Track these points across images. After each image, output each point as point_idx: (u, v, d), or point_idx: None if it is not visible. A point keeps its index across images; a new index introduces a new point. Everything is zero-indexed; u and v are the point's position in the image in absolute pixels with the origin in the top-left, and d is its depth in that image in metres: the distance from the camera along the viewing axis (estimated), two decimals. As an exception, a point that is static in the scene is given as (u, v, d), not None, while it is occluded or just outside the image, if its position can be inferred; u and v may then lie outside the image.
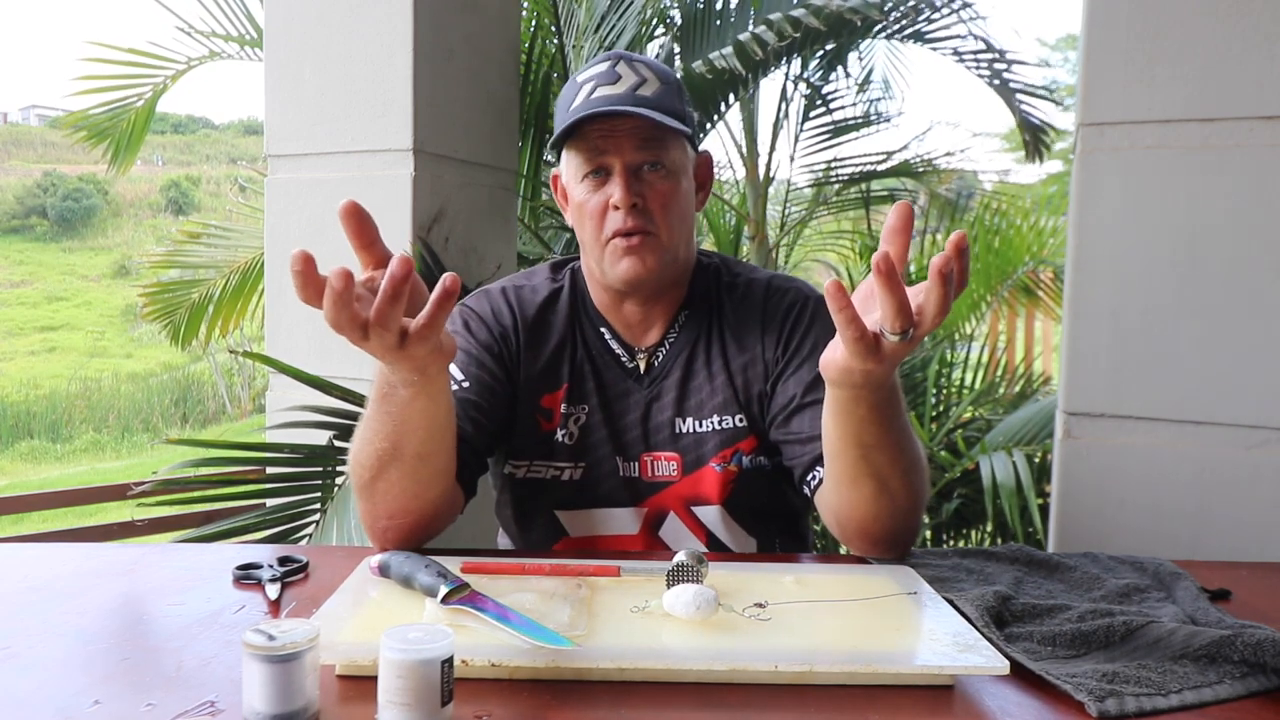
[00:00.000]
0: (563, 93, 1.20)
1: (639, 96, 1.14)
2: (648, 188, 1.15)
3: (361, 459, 1.00)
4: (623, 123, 1.13)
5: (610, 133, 1.14)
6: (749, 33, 2.54)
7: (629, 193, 1.13)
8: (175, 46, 3.42)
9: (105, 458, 11.99)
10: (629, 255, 1.15)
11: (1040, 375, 4.08)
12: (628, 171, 1.14)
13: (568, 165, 1.20)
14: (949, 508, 2.89)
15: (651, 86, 1.15)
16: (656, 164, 1.15)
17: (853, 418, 0.94)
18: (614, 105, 1.12)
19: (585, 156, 1.16)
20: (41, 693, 0.72)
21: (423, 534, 1.06)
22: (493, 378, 1.19)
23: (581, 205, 1.17)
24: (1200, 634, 0.80)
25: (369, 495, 1.02)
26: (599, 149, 1.15)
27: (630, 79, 1.15)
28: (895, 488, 0.99)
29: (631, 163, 1.14)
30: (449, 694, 0.66)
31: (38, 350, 18.42)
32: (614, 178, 1.15)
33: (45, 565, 1.04)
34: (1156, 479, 1.68)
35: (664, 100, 1.15)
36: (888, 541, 1.05)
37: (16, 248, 24.24)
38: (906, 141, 4.37)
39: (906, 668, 0.75)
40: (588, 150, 1.15)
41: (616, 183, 1.14)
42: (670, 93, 1.17)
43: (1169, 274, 1.66)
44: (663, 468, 1.20)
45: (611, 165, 1.15)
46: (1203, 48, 1.62)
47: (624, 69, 1.16)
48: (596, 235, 1.16)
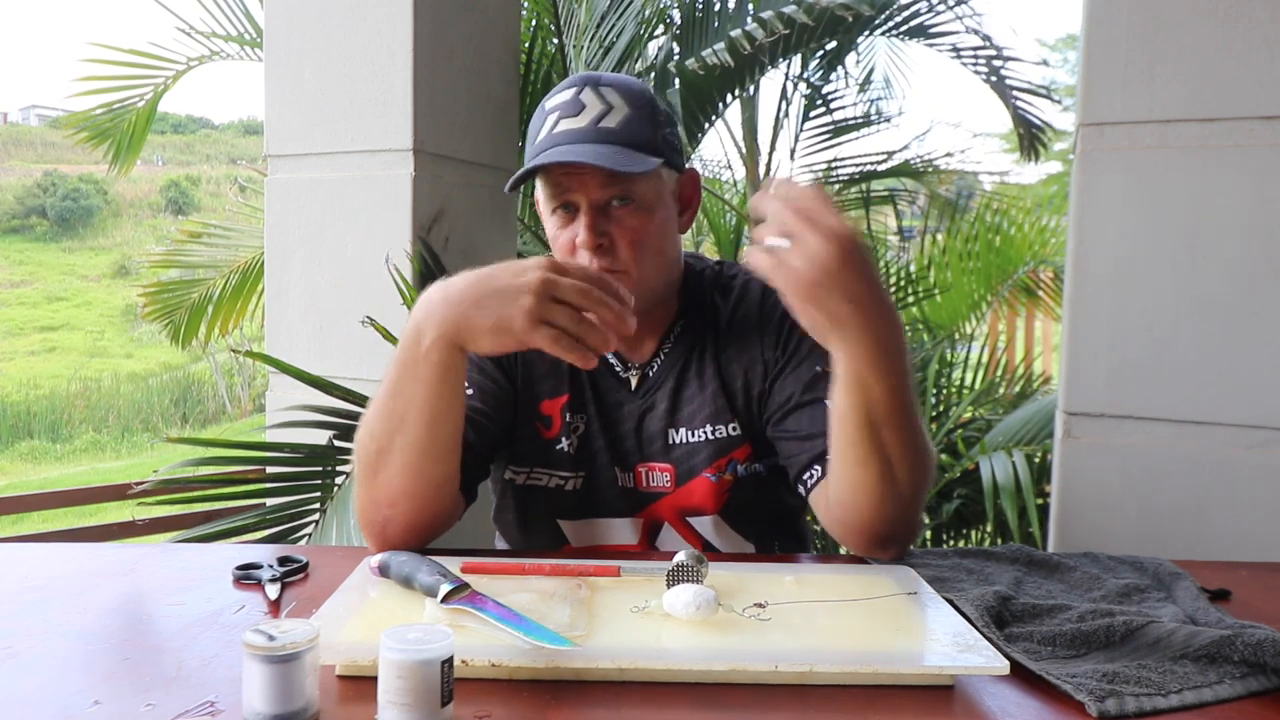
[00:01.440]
0: (532, 120, 1.16)
1: (601, 129, 1.09)
2: (615, 224, 1.11)
3: (373, 428, 1.01)
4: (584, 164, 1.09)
5: (574, 169, 1.10)
6: (740, 30, 2.54)
7: (593, 234, 1.09)
8: (175, 47, 3.42)
9: (105, 458, 11.99)
10: None
11: (1040, 375, 4.08)
12: (594, 210, 1.10)
13: (539, 193, 1.16)
14: (949, 508, 2.89)
15: (618, 115, 1.10)
16: (625, 198, 1.11)
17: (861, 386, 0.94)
18: (574, 142, 1.09)
19: (550, 192, 1.13)
20: (42, 692, 0.72)
21: (422, 531, 1.05)
22: (496, 384, 1.19)
23: (553, 239, 1.15)
24: (1200, 634, 0.80)
25: (373, 475, 1.02)
26: (563, 187, 1.11)
27: (595, 109, 1.10)
28: (900, 472, 0.98)
29: (597, 200, 1.10)
30: (449, 694, 0.66)
31: (38, 350, 18.43)
32: (580, 216, 1.11)
33: (45, 565, 1.04)
34: (1156, 479, 1.68)
35: (630, 129, 1.10)
36: (887, 535, 1.03)
37: (16, 248, 24.25)
38: (907, 142, 4.38)
39: (906, 668, 0.75)
40: (553, 187, 1.12)
41: (581, 223, 1.10)
42: (639, 119, 1.11)
43: (1169, 274, 1.66)
44: (656, 478, 1.20)
45: (577, 202, 1.11)
46: (1203, 48, 1.62)
47: (589, 96, 1.11)
48: None
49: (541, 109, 1.15)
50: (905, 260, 4.10)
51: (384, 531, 1.04)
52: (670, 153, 1.15)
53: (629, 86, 1.14)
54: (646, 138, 1.12)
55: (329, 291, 2.09)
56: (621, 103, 1.11)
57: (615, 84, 1.13)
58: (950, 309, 3.84)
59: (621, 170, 1.08)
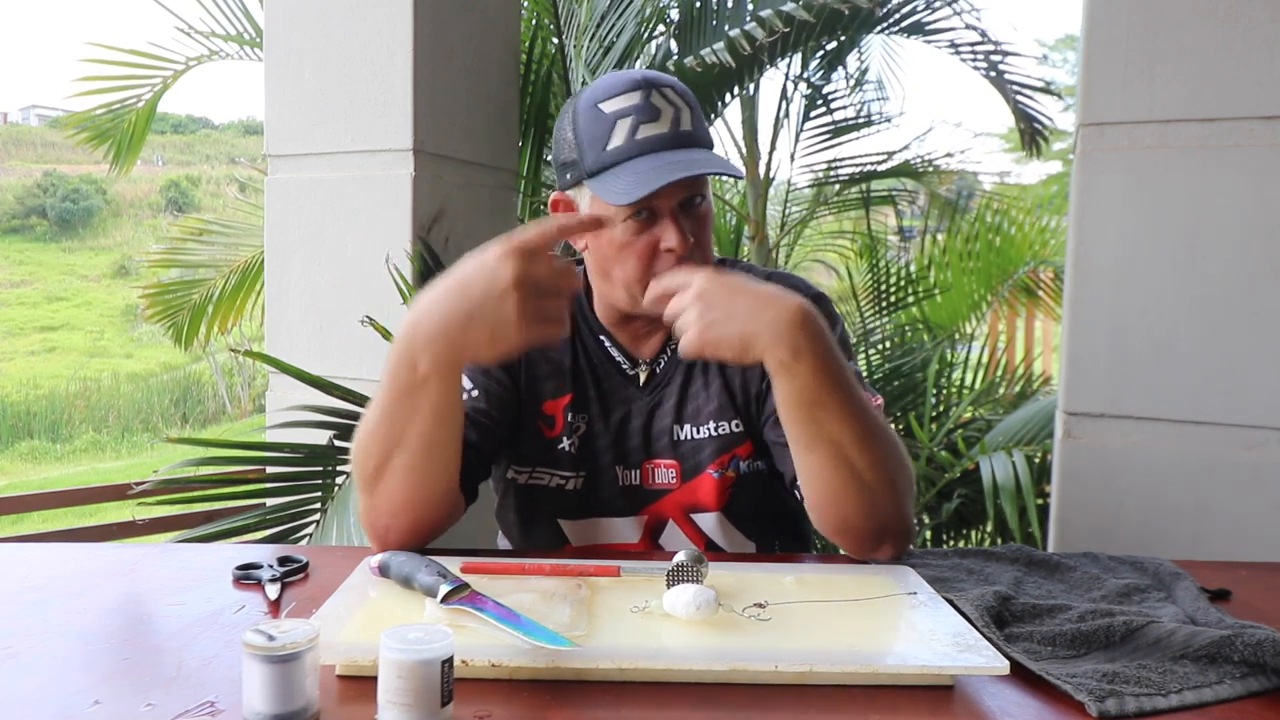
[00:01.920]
0: (585, 121, 1.12)
1: (682, 134, 1.10)
2: (695, 225, 1.12)
3: (369, 447, 1.00)
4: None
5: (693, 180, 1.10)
6: (740, 29, 2.54)
7: (685, 238, 1.09)
8: (175, 46, 3.42)
9: (105, 458, 11.99)
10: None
11: (1040, 375, 4.08)
12: (677, 213, 1.10)
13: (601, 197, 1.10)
14: (949, 508, 2.88)
15: (687, 116, 1.11)
16: (700, 195, 1.13)
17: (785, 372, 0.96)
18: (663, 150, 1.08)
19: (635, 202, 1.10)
20: (42, 692, 0.72)
21: (424, 535, 1.05)
22: (499, 384, 1.19)
23: (624, 245, 1.12)
24: (1200, 634, 0.80)
25: (372, 487, 1.02)
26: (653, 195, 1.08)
27: (669, 112, 1.10)
28: (854, 455, 0.98)
29: (680, 202, 1.11)
30: (449, 694, 0.66)
31: (38, 350, 18.42)
32: (663, 220, 1.10)
33: (45, 565, 1.04)
34: (1156, 479, 1.68)
35: (700, 129, 1.12)
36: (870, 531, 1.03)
37: (16, 248, 24.24)
38: (907, 142, 4.37)
39: (906, 668, 0.75)
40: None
41: (668, 226, 1.09)
42: (699, 116, 1.13)
43: (1169, 274, 1.66)
44: (662, 475, 1.20)
45: (659, 207, 1.10)
46: (1203, 48, 1.62)
47: (659, 100, 1.10)
48: (640, 274, 1.12)
49: (600, 112, 1.11)
50: (905, 260, 4.09)
51: (386, 536, 1.04)
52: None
53: (678, 86, 1.14)
54: (706, 135, 1.14)
55: (329, 291, 2.09)
56: (683, 104, 1.12)
57: (668, 83, 1.13)
58: (950, 309, 3.84)
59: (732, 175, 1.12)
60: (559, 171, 1.17)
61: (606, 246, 1.13)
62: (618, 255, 1.12)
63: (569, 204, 1.17)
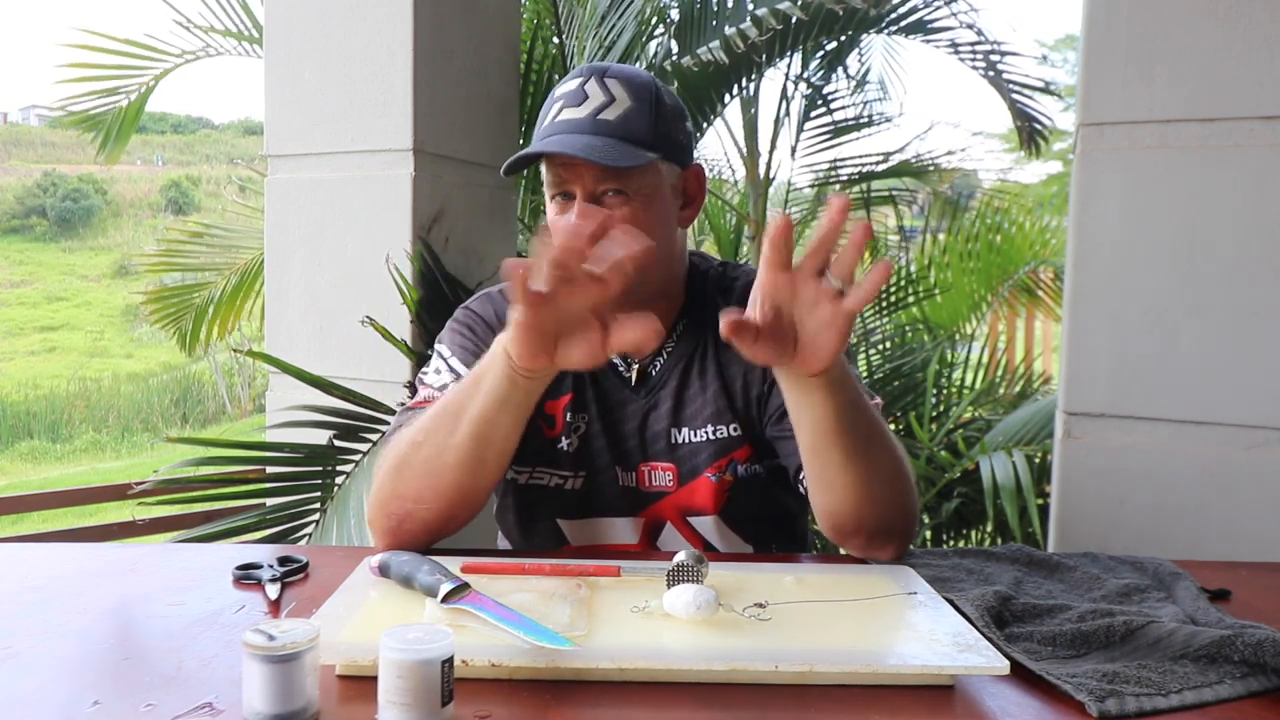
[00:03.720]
0: (543, 108, 1.18)
1: (599, 121, 1.10)
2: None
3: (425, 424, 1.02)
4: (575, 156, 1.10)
5: (571, 160, 1.11)
6: (735, 28, 2.54)
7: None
8: (171, 40, 3.41)
9: (105, 458, 11.99)
10: None
11: (1040, 375, 4.07)
12: (587, 199, 1.12)
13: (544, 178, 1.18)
14: (949, 508, 2.88)
15: (619, 108, 1.11)
16: (619, 190, 1.11)
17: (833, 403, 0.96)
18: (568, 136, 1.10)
19: (550, 179, 1.14)
20: (42, 692, 0.72)
21: (436, 533, 1.05)
22: None
23: (552, 224, 1.16)
24: (1200, 634, 0.80)
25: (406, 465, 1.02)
26: (560, 176, 1.13)
27: (596, 100, 1.11)
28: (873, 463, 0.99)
29: (591, 191, 1.11)
30: (449, 694, 0.66)
31: (38, 350, 18.43)
32: (572, 205, 1.12)
33: (45, 565, 1.04)
34: (1156, 479, 1.68)
35: (629, 123, 1.11)
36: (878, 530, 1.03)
37: (16, 248, 24.25)
38: (907, 141, 4.37)
39: (906, 668, 0.75)
40: (552, 174, 1.14)
41: (573, 210, 1.12)
42: (639, 113, 1.12)
43: (1169, 274, 1.66)
44: (659, 478, 1.20)
45: (574, 191, 1.12)
46: (1203, 48, 1.62)
47: (593, 87, 1.12)
48: None
49: (551, 95, 1.17)
50: (905, 260, 4.09)
51: (399, 527, 1.04)
52: (671, 147, 1.15)
53: (635, 79, 1.15)
54: (645, 131, 1.12)
55: (329, 291, 2.09)
56: (625, 95, 1.12)
57: (621, 75, 1.14)
58: (950, 309, 3.84)
59: (606, 164, 1.08)
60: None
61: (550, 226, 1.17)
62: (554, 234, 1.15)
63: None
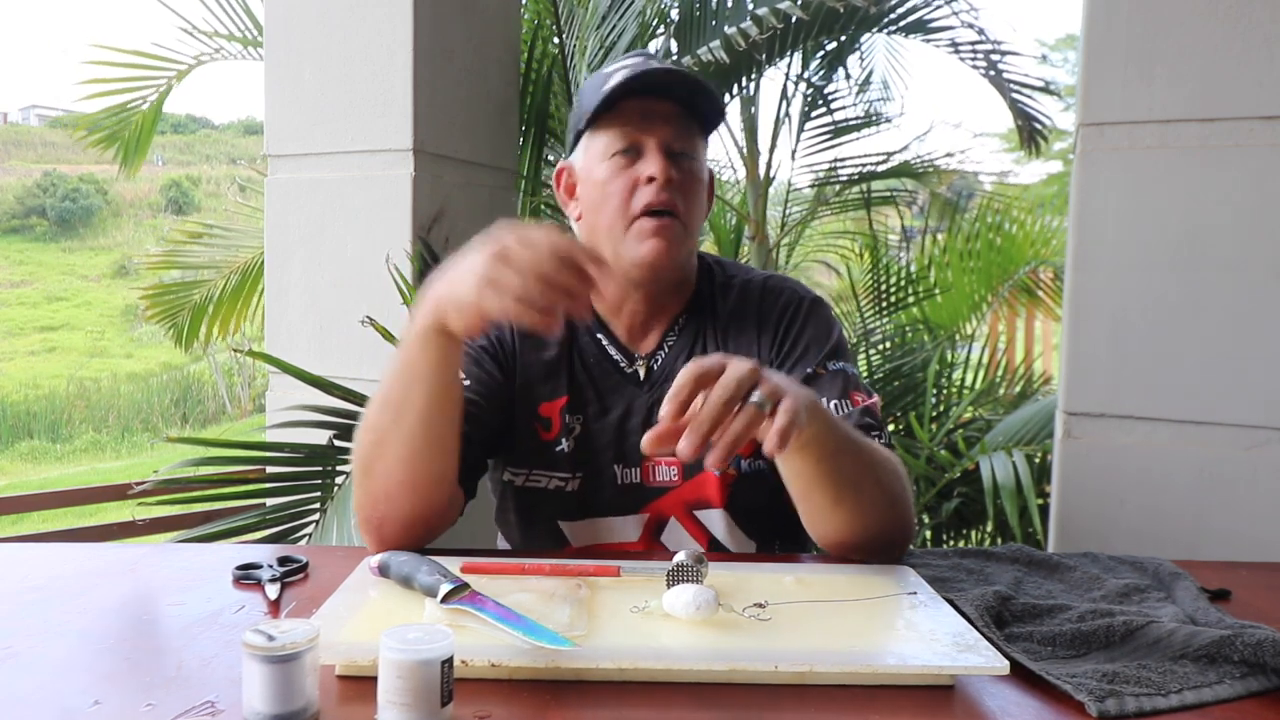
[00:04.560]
0: (588, 84, 1.19)
1: (679, 71, 1.15)
2: (679, 170, 1.14)
3: (372, 421, 1.02)
4: (662, 105, 1.13)
5: (650, 112, 1.13)
6: (735, 27, 2.54)
7: (668, 165, 1.12)
8: (178, 46, 3.43)
9: (105, 458, 12.00)
10: (656, 237, 1.13)
11: (1040, 375, 4.07)
12: (664, 151, 1.14)
13: (591, 146, 1.17)
14: (949, 508, 2.89)
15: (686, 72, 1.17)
16: (689, 154, 1.16)
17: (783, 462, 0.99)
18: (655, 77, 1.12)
19: (620, 132, 1.14)
20: (42, 692, 0.72)
21: (419, 528, 1.04)
22: (491, 378, 1.19)
23: (605, 183, 1.15)
24: (1200, 634, 0.80)
25: (370, 468, 1.02)
26: (637, 126, 1.14)
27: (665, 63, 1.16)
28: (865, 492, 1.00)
29: (668, 145, 1.14)
30: (449, 694, 0.66)
31: (38, 350, 18.43)
32: (649, 154, 1.13)
33: (45, 565, 1.04)
34: (1156, 479, 1.68)
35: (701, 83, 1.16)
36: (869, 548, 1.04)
37: (16, 248, 24.25)
38: (907, 142, 4.37)
39: (906, 668, 0.75)
40: (623, 125, 1.14)
41: (653, 159, 1.13)
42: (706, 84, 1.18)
43: (1169, 274, 1.66)
44: (664, 472, 1.20)
45: (645, 144, 1.14)
46: (1203, 48, 1.62)
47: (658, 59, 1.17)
48: (621, 213, 1.14)
49: (601, 73, 1.17)
50: (906, 260, 4.09)
51: (381, 529, 1.03)
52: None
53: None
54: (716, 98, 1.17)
55: (329, 291, 2.09)
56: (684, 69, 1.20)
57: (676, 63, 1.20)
58: (951, 309, 3.84)
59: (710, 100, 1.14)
60: (568, 148, 1.22)
61: (593, 190, 1.16)
62: (603, 196, 1.15)
63: (568, 169, 1.22)
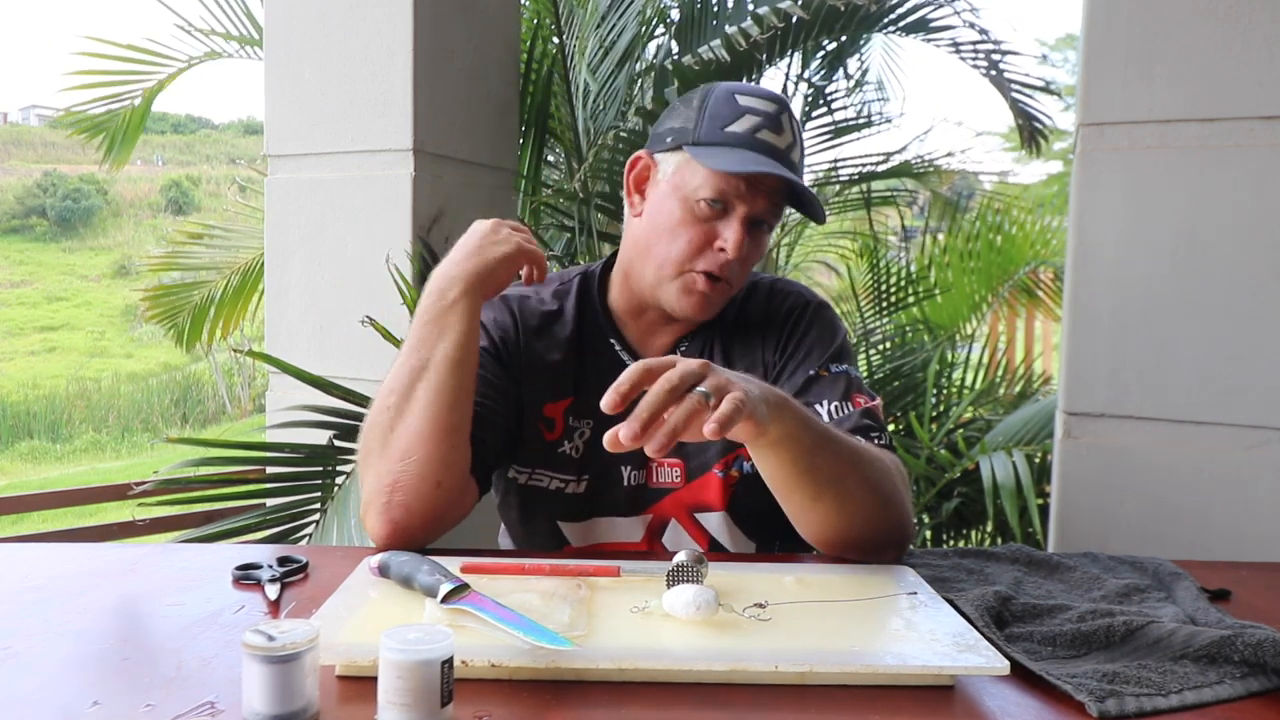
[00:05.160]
0: (718, 102, 1.15)
1: (792, 161, 1.15)
2: (753, 244, 1.16)
3: (391, 386, 1.06)
4: (771, 179, 1.13)
5: (758, 183, 1.13)
6: (737, 26, 2.54)
7: (743, 245, 1.14)
8: (174, 44, 3.42)
9: (105, 458, 12.00)
10: (701, 297, 1.16)
11: (1040, 375, 4.07)
12: (747, 222, 1.14)
13: (685, 169, 1.15)
14: (949, 507, 2.88)
15: (797, 151, 1.17)
16: (768, 226, 1.18)
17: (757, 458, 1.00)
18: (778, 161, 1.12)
19: (721, 187, 1.13)
20: (41, 693, 0.72)
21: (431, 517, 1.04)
22: (497, 378, 1.19)
23: (678, 221, 1.15)
24: (1200, 634, 0.80)
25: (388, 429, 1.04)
26: (739, 191, 1.13)
27: (789, 135, 1.15)
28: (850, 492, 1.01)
29: (756, 217, 1.15)
30: (449, 694, 0.66)
31: (38, 350, 18.44)
32: (732, 220, 1.13)
33: (45, 565, 1.04)
34: (1156, 479, 1.68)
35: (802, 166, 1.19)
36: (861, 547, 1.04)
37: (16, 248, 24.26)
38: (907, 142, 4.37)
39: (906, 668, 0.75)
40: (728, 185, 1.13)
41: (734, 228, 1.13)
42: (803, 160, 1.20)
43: (1169, 274, 1.66)
44: (665, 474, 1.20)
45: (735, 207, 1.14)
46: (1203, 48, 1.62)
47: (786, 121, 1.15)
48: (681, 258, 1.15)
49: (734, 99, 1.15)
50: (906, 260, 4.09)
51: (391, 499, 1.02)
52: None
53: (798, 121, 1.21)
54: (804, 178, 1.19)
55: (329, 291, 2.09)
56: (798, 140, 1.18)
57: (795, 117, 1.19)
58: (951, 309, 3.84)
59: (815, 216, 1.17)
60: (658, 136, 1.20)
61: (665, 217, 1.16)
62: (672, 229, 1.16)
63: (649, 164, 1.21)
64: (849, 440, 1.02)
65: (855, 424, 1.12)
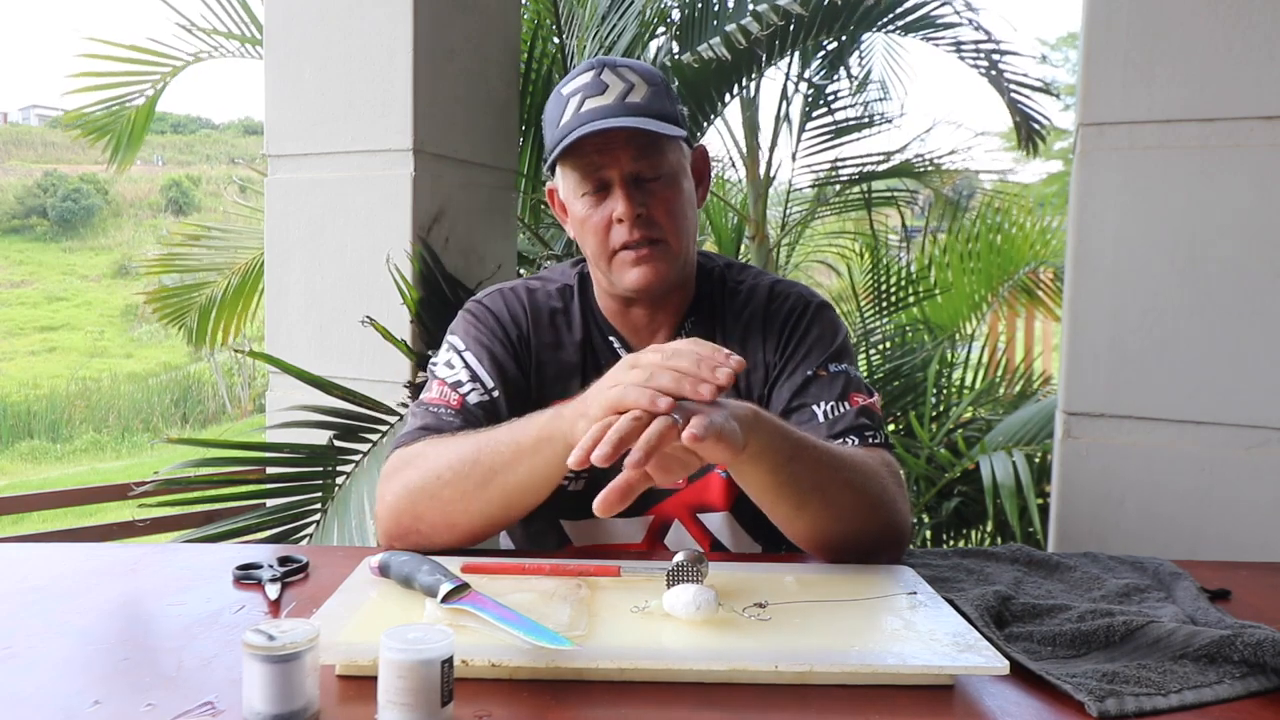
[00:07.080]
0: (548, 107, 1.18)
1: (629, 104, 1.13)
2: (650, 196, 1.14)
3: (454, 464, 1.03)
4: (617, 135, 1.12)
5: (605, 146, 1.12)
6: (736, 24, 2.54)
7: (632, 204, 1.13)
8: (175, 44, 3.41)
9: (105, 458, 12.00)
10: (639, 265, 1.15)
11: (1040, 375, 4.07)
12: (627, 183, 1.14)
13: (565, 181, 1.18)
14: (949, 507, 2.89)
15: (640, 92, 1.14)
16: (655, 174, 1.15)
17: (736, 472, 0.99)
18: (605, 118, 1.11)
19: (583, 173, 1.15)
20: (42, 692, 0.72)
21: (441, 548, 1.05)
22: (515, 381, 1.19)
23: (584, 221, 1.16)
24: (1200, 634, 0.80)
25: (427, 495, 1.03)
26: (596, 164, 1.14)
27: (618, 87, 1.14)
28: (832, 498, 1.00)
29: (631, 173, 1.14)
30: (449, 694, 0.66)
31: (38, 350, 18.44)
32: (615, 191, 1.14)
33: (45, 565, 1.04)
34: (1156, 479, 1.68)
35: (654, 104, 1.14)
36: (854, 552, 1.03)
37: (16, 248, 24.27)
38: (907, 141, 4.37)
39: (906, 668, 0.75)
40: (585, 167, 1.14)
41: (618, 196, 1.13)
42: (659, 94, 1.15)
43: (1169, 274, 1.66)
44: None
45: (610, 179, 1.14)
46: (1203, 48, 1.62)
47: (609, 76, 1.14)
48: (603, 249, 1.16)
49: (559, 95, 1.17)
50: (906, 260, 4.09)
51: (405, 537, 1.05)
52: (684, 127, 1.19)
53: (643, 67, 1.18)
54: (670, 111, 1.16)
55: (329, 291, 2.09)
56: (641, 81, 1.15)
57: (629, 65, 1.17)
58: (951, 309, 3.84)
59: (662, 130, 1.11)
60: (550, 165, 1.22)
61: (578, 223, 1.18)
62: (584, 230, 1.18)
63: (554, 189, 1.24)
64: (828, 446, 1.02)
65: (850, 423, 1.12)
